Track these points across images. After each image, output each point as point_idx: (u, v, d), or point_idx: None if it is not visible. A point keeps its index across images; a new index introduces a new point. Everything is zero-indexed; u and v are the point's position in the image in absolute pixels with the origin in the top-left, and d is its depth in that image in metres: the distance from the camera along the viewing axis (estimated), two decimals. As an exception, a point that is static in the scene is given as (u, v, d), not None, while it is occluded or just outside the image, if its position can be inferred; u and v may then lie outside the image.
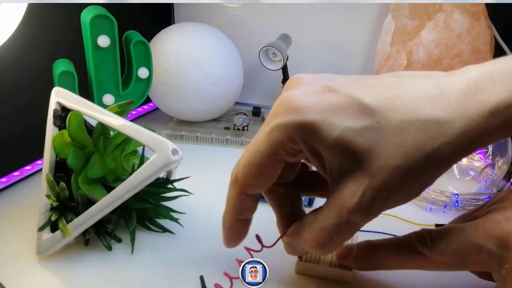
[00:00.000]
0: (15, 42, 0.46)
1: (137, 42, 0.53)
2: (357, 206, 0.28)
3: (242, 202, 0.33)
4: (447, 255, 0.32)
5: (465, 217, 0.36)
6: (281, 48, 0.62)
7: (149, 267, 0.39)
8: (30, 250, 0.40)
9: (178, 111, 0.63)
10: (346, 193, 0.29)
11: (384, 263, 0.36)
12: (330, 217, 0.30)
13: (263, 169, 0.31)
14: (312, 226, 0.31)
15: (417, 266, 0.34)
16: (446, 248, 0.32)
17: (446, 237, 0.32)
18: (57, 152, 0.39)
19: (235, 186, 0.32)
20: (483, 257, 0.31)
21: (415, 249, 0.33)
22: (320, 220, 0.31)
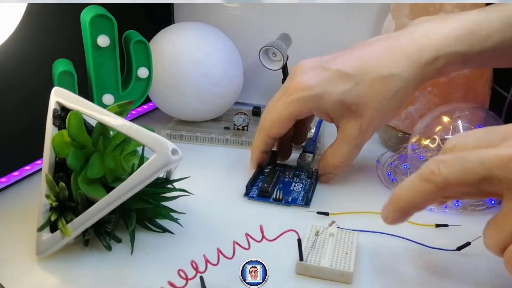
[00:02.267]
0: (14, 42, 0.46)
1: (137, 41, 0.52)
2: (358, 135, 0.47)
3: (267, 141, 0.51)
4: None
5: None
6: (281, 48, 0.62)
7: (149, 267, 0.39)
8: (29, 250, 0.40)
9: (178, 111, 0.63)
10: (349, 129, 0.47)
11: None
12: (343, 146, 0.49)
13: (282, 125, 0.49)
14: (333, 155, 0.50)
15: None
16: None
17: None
18: (56, 152, 0.39)
19: (263, 131, 0.51)
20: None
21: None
22: (336, 150, 0.49)
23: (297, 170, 0.54)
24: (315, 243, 0.40)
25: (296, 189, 0.50)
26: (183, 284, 0.33)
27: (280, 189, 0.49)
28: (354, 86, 0.45)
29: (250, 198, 0.49)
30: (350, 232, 0.41)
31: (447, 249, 0.41)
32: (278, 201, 0.48)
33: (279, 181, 0.52)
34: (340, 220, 0.43)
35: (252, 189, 0.50)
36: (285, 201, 0.48)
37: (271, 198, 0.48)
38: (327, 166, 0.50)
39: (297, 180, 0.52)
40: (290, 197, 0.49)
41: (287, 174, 0.53)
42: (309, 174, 0.53)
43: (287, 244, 0.37)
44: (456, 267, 0.40)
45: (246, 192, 0.49)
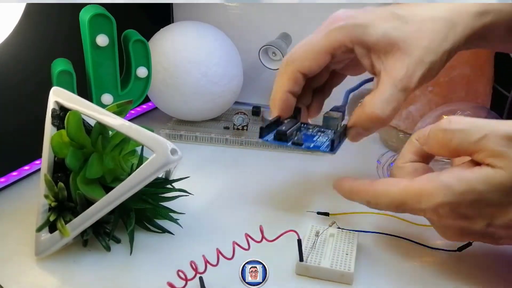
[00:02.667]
0: (13, 42, 0.46)
1: (136, 41, 0.52)
2: (405, 75, 0.40)
3: (295, 77, 0.43)
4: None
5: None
6: (281, 47, 0.62)
7: (148, 268, 0.39)
8: (28, 250, 0.39)
9: (177, 111, 0.63)
10: (395, 69, 0.40)
11: None
12: (386, 89, 0.41)
13: (318, 57, 0.42)
14: (373, 101, 0.41)
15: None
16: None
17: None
18: (55, 152, 0.39)
19: (292, 65, 0.43)
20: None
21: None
22: (378, 95, 0.41)
23: (323, 128, 0.46)
24: (315, 244, 0.39)
25: (320, 139, 0.43)
26: (182, 285, 0.33)
27: (301, 136, 0.43)
28: (403, 24, 0.41)
29: (265, 141, 0.42)
30: (350, 232, 0.41)
31: (447, 249, 0.41)
32: (298, 145, 0.42)
33: (301, 132, 0.45)
34: (340, 220, 0.43)
35: (267, 133, 0.43)
36: (306, 146, 0.42)
37: (289, 141, 0.42)
38: (362, 116, 0.42)
39: (322, 135, 0.45)
40: (312, 144, 0.42)
41: (310, 128, 0.46)
42: (335, 132, 0.45)
43: (287, 244, 0.37)
44: (456, 267, 0.39)
45: (261, 135, 0.42)
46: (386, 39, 0.41)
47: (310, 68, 0.43)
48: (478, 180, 0.32)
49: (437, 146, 0.36)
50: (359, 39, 0.41)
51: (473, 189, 0.32)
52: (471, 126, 0.33)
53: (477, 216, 0.33)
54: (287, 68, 0.44)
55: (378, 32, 0.41)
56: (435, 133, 0.35)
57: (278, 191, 0.51)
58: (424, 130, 0.38)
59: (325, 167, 0.57)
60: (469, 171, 0.33)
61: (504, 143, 0.31)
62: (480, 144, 0.32)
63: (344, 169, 0.56)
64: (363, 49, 0.42)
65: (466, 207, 0.33)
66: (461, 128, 0.33)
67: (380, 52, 0.41)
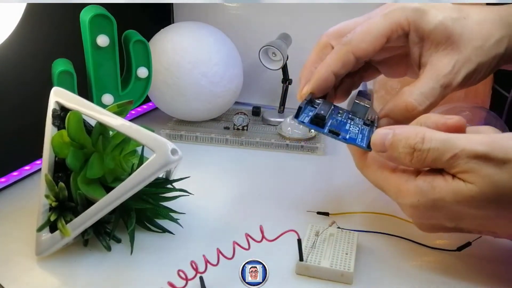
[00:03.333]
0: (14, 42, 0.46)
1: (136, 41, 0.52)
2: (449, 72, 0.40)
3: (347, 59, 0.42)
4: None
5: None
6: (281, 48, 0.62)
7: (148, 267, 0.39)
8: (29, 250, 0.39)
9: (178, 111, 0.63)
10: (441, 64, 0.40)
11: None
12: (428, 82, 0.40)
13: (375, 39, 0.41)
14: (412, 92, 0.41)
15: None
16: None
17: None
18: (56, 152, 0.39)
19: (348, 46, 0.42)
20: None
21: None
22: (418, 86, 0.41)
23: (351, 113, 0.44)
24: (315, 243, 0.39)
25: (352, 129, 0.41)
26: (183, 285, 0.33)
27: (336, 123, 0.41)
28: (462, 18, 0.41)
29: (301, 123, 0.40)
30: (350, 232, 0.41)
31: (447, 249, 0.41)
32: (335, 135, 0.39)
33: (332, 117, 0.42)
34: (340, 220, 0.43)
35: (304, 113, 0.41)
36: (342, 136, 0.39)
37: (325, 128, 0.40)
38: (398, 105, 0.41)
39: (352, 122, 0.43)
40: (348, 135, 0.40)
41: (339, 113, 0.44)
42: (365, 122, 0.43)
43: (287, 244, 0.37)
44: (456, 267, 0.39)
45: (297, 115, 0.40)
46: (442, 28, 0.40)
47: (366, 52, 0.42)
48: (449, 192, 0.34)
49: (408, 161, 0.35)
50: (417, 23, 0.41)
51: (443, 198, 0.34)
52: (443, 145, 0.34)
53: (445, 218, 0.36)
54: (341, 48, 0.42)
55: (436, 20, 0.40)
56: (407, 150, 0.35)
57: (278, 191, 0.51)
58: (431, 117, 0.37)
59: (325, 167, 0.57)
60: (443, 181, 0.34)
61: (474, 161, 0.33)
62: (451, 162, 0.33)
63: (344, 169, 0.56)
64: (417, 37, 0.41)
65: (437, 211, 0.35)
66: (434, 147, 0.34)
67: (433, 42, 0.41)
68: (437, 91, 0.40)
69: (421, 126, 0.37)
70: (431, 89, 0.40)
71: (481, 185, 0.32)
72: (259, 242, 0.35)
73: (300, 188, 0.52)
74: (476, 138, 0.33)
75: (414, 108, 0.40)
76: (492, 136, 0.34)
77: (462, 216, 0.35)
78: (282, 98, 0.68)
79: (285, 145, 0.61)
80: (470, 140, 0.33)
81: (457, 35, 0.40)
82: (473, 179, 0.33)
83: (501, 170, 0.32)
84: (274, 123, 0.66)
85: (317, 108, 0.41)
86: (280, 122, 0.64)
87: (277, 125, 0.65)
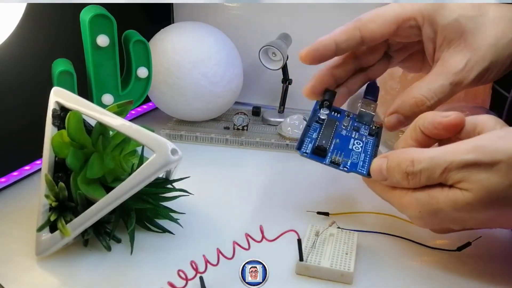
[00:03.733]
0: (14, 42, 0.46)
1: (136, 41, 0.52)
2: (461, 70, 0.40)
3: (351, 34, 0.42)
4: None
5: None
6: (281, 48, 0.62)
7: (148, 267, 0.39)
8: (29, 250, 0.39)
9: (178, 111, 0.63)
10: (453, 61, 0.40)
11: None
12: (437, 79, 0.40)
13: (384, 22, 0.41)
14: (421, 87, 0.41)
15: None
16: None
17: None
18: (56, 152, 0.39)
19: (357, 22, 0.42)
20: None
21: None
22: (427, 82, 0.41)
23: (356, 121, 0.45)
24: (315, 243, 0.39)
25: (355, 148, 0.42)
26: (183, 285, 0.33)
27: (338, 148, 0.42)
28: (477, 16, 0.40)
29: (303, 154, 0.41)
30: (350, 232, 0.41)
31: (447, 249, 0.41)
32: (336, 165, 0.41)
33: (336, 135, 0.43)
34: (340, 220, 0.43)
35: (305, 143, 0.42)
36: (343, 165, 0.41)
37: (327, 159, 0.41)
38: (406, 100, 0.42)
39: (356, 136, 0.44)
40: (349, 160, 0.41)
41: (344, 125, 0.45)
42: (370, 130, 0.44)
43: (287, 244, 0.37)
44: (456, 267, 0.39)
45: (299, 146, 0.41)
46: (456, 25, 0.40)
47: (373, 33, 0.41)
48: (447, 202, 0.34)
49: (406, 183, 0.36)
50: (431, 17, 0.40)
51: (441, 209, 0.35)
52: (431, 164, 0.34)
53: (450, 223, 0.37)
54: (350, 22, 0.42)
55: (451, 16, 0.40)
56: (401, 174, 0.36)
57: (278, 191, 0.51)
58: (427, 118, 0.38)
59: (325, 167, 0.57)
60: (439, 192, 0.35)
61: (464, 170, 0.34)
62: (444, 176, 0.34)
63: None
64: (431, 31, 0.41)
65: (439, 219, 0.36)
66: (424, 168, 0.35)
67: (445, 38, 0.40)
68: (446, 88, 0.40)
69: (409, 149, 0.37)
70: (440, 86, 0.40)
71: (475, 191, 0.33)
72: (259, 242, 0.35)
73: (300, 188, 0.52)
74: (461, 148, 0.34)
75: (422, 103, 0.41)
76: (478, 139, 0.34)
77: (464, 220, 0.36)
78: (282, 98, 0.68)
79: (285, 145, 0.61)
80: (456, 152, 0.34)
81: (470, 33, 0.40)
82: (467, 186, 0.33)
83: (491, 173, 0.33)
84: (274, 123, 0.66)
85: (320, 135, 0.42)
86: (280, 122, 0.64)
87: (277, 125, 0.64)
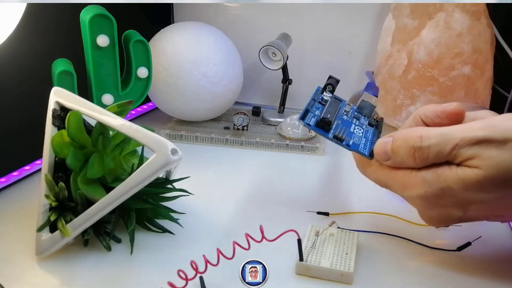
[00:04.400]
0: (14, 42, 0.46)
1: (136, 41, 0.52)
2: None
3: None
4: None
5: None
6: (281, 48, 0.62)
7: (148, 267, 0.39)
8: (29, 250, 0.39)
9: (178, 111, 0.63)
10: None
11: None
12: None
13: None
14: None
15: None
16: None
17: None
18: (56, 152, 0.39)
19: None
20: None
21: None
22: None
23: (357, 111, 0.44)
24: (315, 243, 0.39)
25: (356, 132, 0.41)
26: (183, 285, 0.33)
27: (340, 127, 0.41)
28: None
29: (306, 125, 0.40)
30: (350, 232, 0.41)
31: (447, 249, 0.41)
32: (339, 140, 0.39)
33: (338, 117, 0.42)
34: (340, 220, 0.43)
35: (309, 115, 0.41)
36: (346, 142, 0.39)
37: (330, 133, 0.40)
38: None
39: (357, 122, 0.43)
40: (351, 140, 0.40)
41: (346, 110, 0.44)
42: (370, 121, 0.44)
43: (287, 244, 0.37)
44: (456, 267, 0.39)
45: (302, 116, 0.40)
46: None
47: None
48: (455, 179, 0.34)
49: (412, 162, 0.36)
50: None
51: (449, 187, 0.34)
52: (442, 139, 0.34)
53: (453, 206, 0.36)
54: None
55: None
56: (407, 150, 0.35)
57: (278, 191, 0.51)
58: (429, 108, 0.37)
59: (325, 167, 0.57)
60: (447, 170, 0.34)
61: (476, 147, 0.33)
62: (454, 152, 0.34)
63: (344, 169, 0.56)
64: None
65: (444, 200, 0.35)
66: (434, 143, 0.34)
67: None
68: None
69: (417, 127, 0.37)
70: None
71: (486, 168, 0.33)
72: (259, 242, 0.35)
73: (300, 188, 0.52)
74: (473, 125, 0.34)
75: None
76: (489, 120, 0.35)
77: (471, 201, 0.35)
78: (282, 98, 0.68)
79: (285, 145, 0.61)
80: (468, 128, 0.34)
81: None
82: (477, 163, 0.33)
83: (503, 151, 0.33)
84: (274, 123, 0.66)
85: (324, 111, 0.41)
86: (280, 122, 0.64)
87: (277, 125, 0.65)
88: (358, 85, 0.67)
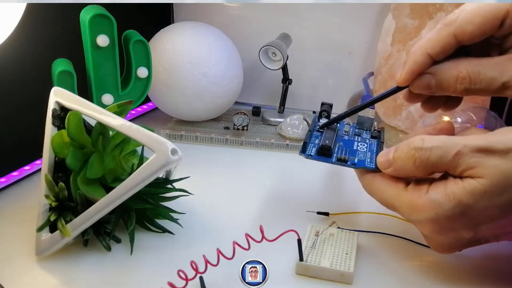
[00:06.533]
0: (14, 42, 0.46)
1: (136, 41, 0.52)
2: None
3: (447, 41, 0.36)
4: None
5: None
6: (281, 48, 0.62)
7: (148, 267, 0.39)
8: (29, 250, 0.39)
9: (178, 111, 0.63)
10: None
11: None
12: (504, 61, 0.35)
13: (486, 21, 0.35)
14: (479, 65, 0.36)
15: None
16: None
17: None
18: (56, 152, 0.39)
19: (450, 27, 0.35)
20: None
21: None
22: (490, 60, 0.36)
23: (357, 128, 0.45)
24: (315, 243, 0.39)
25: (360, 149, 0.41)
26: (183, 285, 0.33)
27: (343, 149, 0.41)
28: None
29: (308, 156, 0.40)
30: (350, 232, 0.41)
31: (447, 249, 0.41)
32: (343, 162, 0.40)
33: (339, 139, 0.43)
34: (340, 220, 0.43)
35: (309, 146, 0.41)
36: (351, 161, 0.39)
37: (333, 157, 0.40)
38: (445, 76, 0.36)
39: (359, 139, 0.43)
40: (356, 158, 0.40)
41: (345, 132, 0.44)
42: (372, 134, 0.44)
43: (287, 244, 0.37)
44: (456, 267, 0.39)
45: (303, 149, 0.40)
46: None
47: (471, 35, 0.35)
48: (464, 193, 0.33)
49: (412, 166, 0.35)
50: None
51: (460, 202, 0.33)
52: (444, 144, 0.34)
53: (465, 227, 0.35)
54: (440, 29, 0.36)
55: None
56: (408, 153, 0.35)
57: (278, 191, 0.51)
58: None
59: (325, 167, 0.57)
60: (454, 185, 0.34)
61: (478, 155, 0.33)
62: (456, 159, 0.33)
63: (345, 169, 0.56)
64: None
65: (454, 221, 0.34)
66: (436, 146, 0.34)
67: None
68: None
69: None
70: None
71: (491, 177, 0.32)
72: (259, 242, 0.35)
73: (300, 188, 0.52)
74: (473, 136, 0.34)
75: (464, 80, 0.36)
76: (487, 133, 0.35)
77: (481, 219, 0.34)
78: (282, 98, 0.68)
79: (285, 145, 0.61)
80: (469, 138, 0.34)
81: None
82: (481, 172, 0.33)
83: (506, 160, 0.32)
84: (274, 123, 0.66)
85: (322, 139, 0.41)
86: (280, 122, 0.64)
87: (277, 125, 0.64)
88: (358, 85, 0.67)
